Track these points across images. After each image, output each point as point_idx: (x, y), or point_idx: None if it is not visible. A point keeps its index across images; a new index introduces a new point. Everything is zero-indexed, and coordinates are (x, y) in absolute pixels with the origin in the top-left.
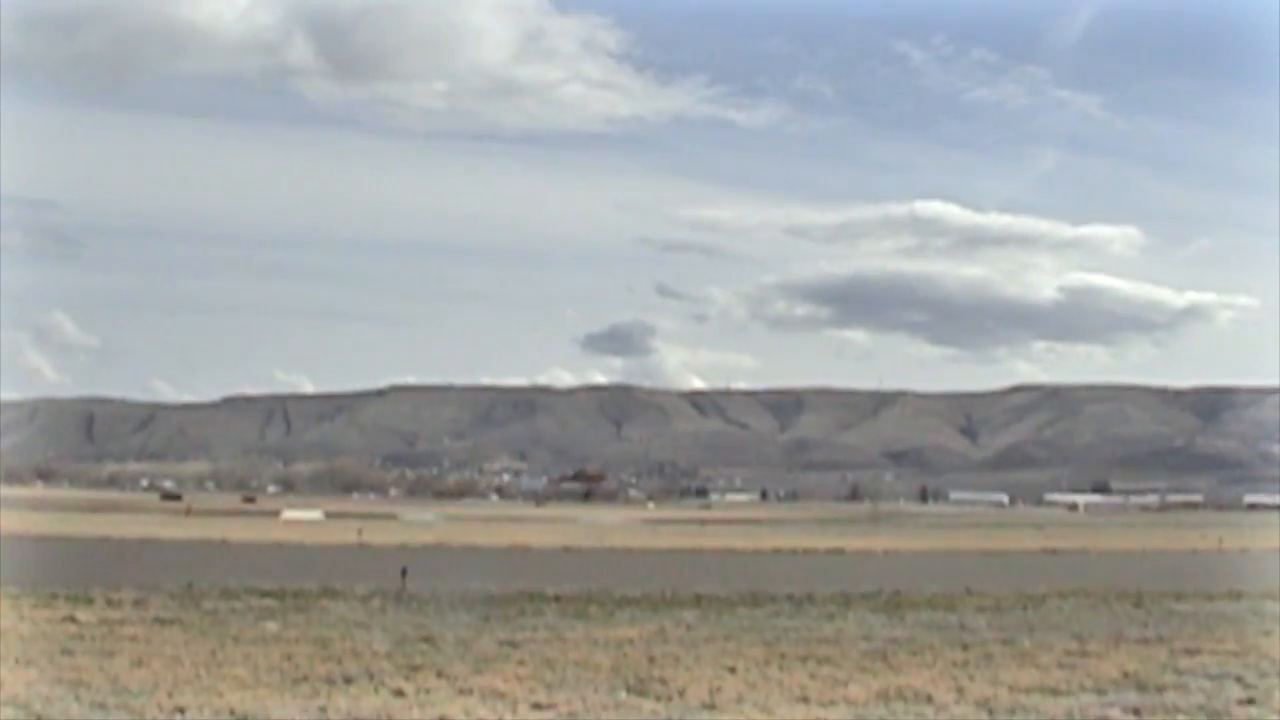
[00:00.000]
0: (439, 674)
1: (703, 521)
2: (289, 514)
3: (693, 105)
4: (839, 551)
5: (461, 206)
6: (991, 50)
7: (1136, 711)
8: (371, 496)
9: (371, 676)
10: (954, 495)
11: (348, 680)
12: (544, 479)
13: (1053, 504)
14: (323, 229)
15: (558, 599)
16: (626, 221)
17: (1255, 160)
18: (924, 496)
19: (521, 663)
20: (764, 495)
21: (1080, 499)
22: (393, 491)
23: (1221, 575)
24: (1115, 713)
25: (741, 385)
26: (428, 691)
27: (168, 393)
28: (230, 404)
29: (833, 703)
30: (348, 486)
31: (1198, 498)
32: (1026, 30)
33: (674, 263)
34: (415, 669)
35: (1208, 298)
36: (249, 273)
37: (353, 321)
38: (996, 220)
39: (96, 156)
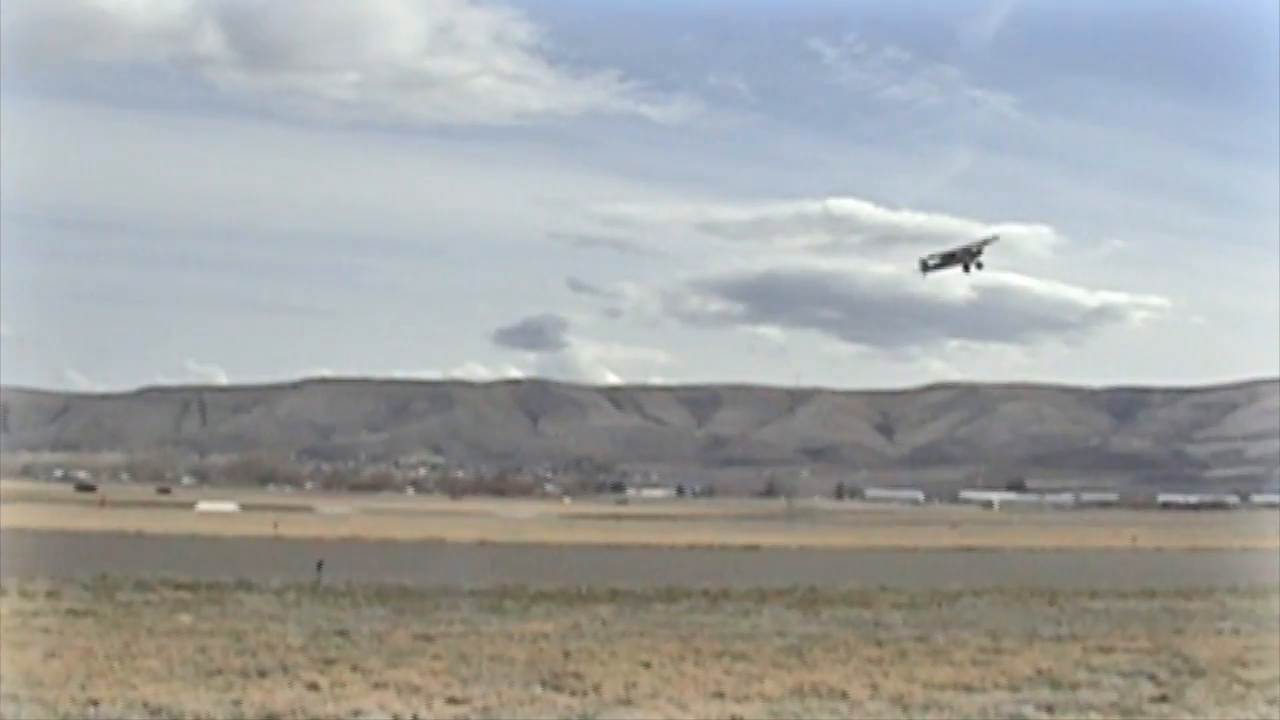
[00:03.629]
0: (354, 667)
1: (618, 517)
2: (204, 506)
3: (606, 100)
4: (754, 548)
5: (375, 199)
6: (904, 48)
7: (1050, 708)
8: (287, 489)
9: (286, 670)
10: (870, 492)
11: (262, 673)
12: (461, 473)
13: (968, 501)
14: (236, 219)
15: (473, 593)
16: (539, 215)
17: (1168, 161)
18: (840, 493)
19: (436, 657)
20: (680, 491)
21: (995, 497)
22: (308, 484)
23: (1135, 573)
24: (1029, 710)
25: (657, 381)
26: (342, 685)
27: (82, 383)
28: (145, 395)
29: (748, 698)
30: (263, 479)
31: (1112, 496)
32: (940, 29)
33: (587, 257)
34: (330, 662)
35: (1120, 298)
36: (162, 262)
37: (267, 313)
38: (910, 218)
39: (4, 144)
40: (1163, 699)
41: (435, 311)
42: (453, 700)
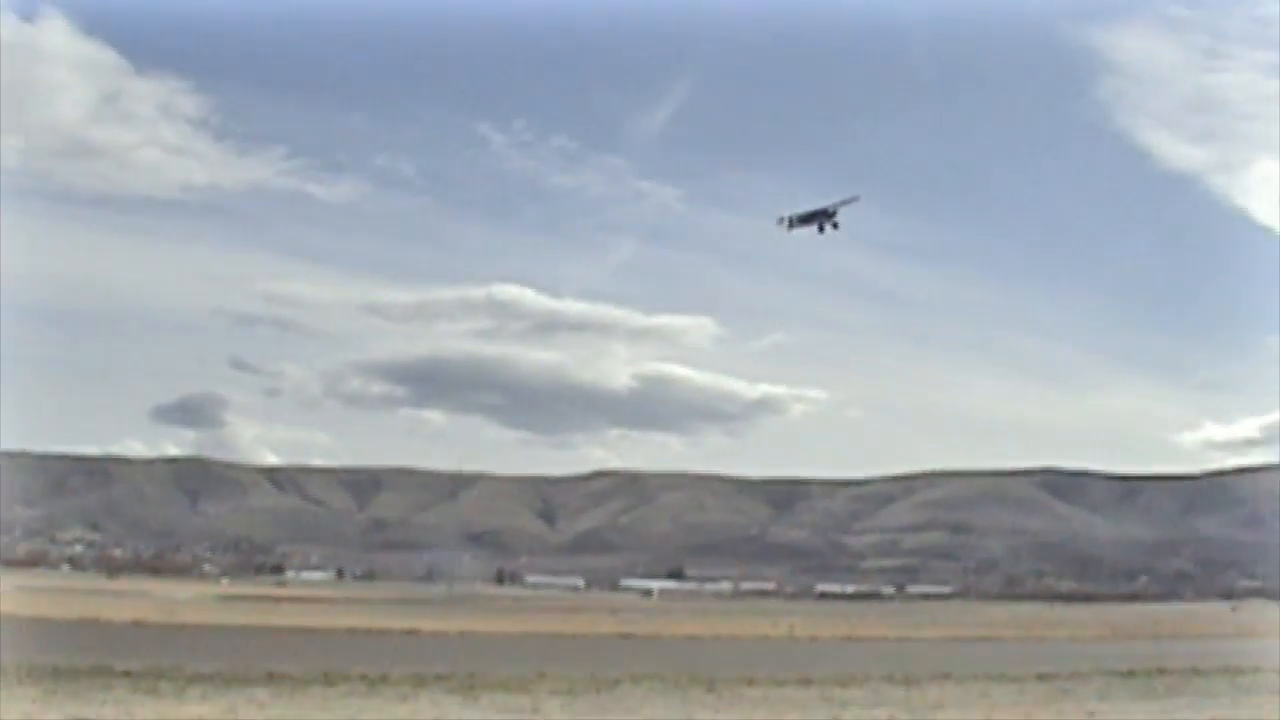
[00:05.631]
0: None
1: (277, 599)
2: None
3: (272, 177)
4: (414, 632)
5: (34, 268)
6: (572, 138)
7: None
8: None
9: None
10: (530, 578)
11: None
12: (118, 551)
13: (628, 589)
14: None
15: (128, 674)
16: (201, 291)
17: (827, 256)
18: (500, 579)
19: None
20: (340, 574)
21: (655, 584)
22: None
23: (792, 662)
24: None
25: (318, 462)
26: None
27: None
28: None
29: None
30: None
31: (770, 585)
32: (607, 121)
33: (248, 336)
34: None
35: (780, 390)
36: None
37: None
38: (573, 306)
39: None
40: None
41: (94, 386)
42: None
